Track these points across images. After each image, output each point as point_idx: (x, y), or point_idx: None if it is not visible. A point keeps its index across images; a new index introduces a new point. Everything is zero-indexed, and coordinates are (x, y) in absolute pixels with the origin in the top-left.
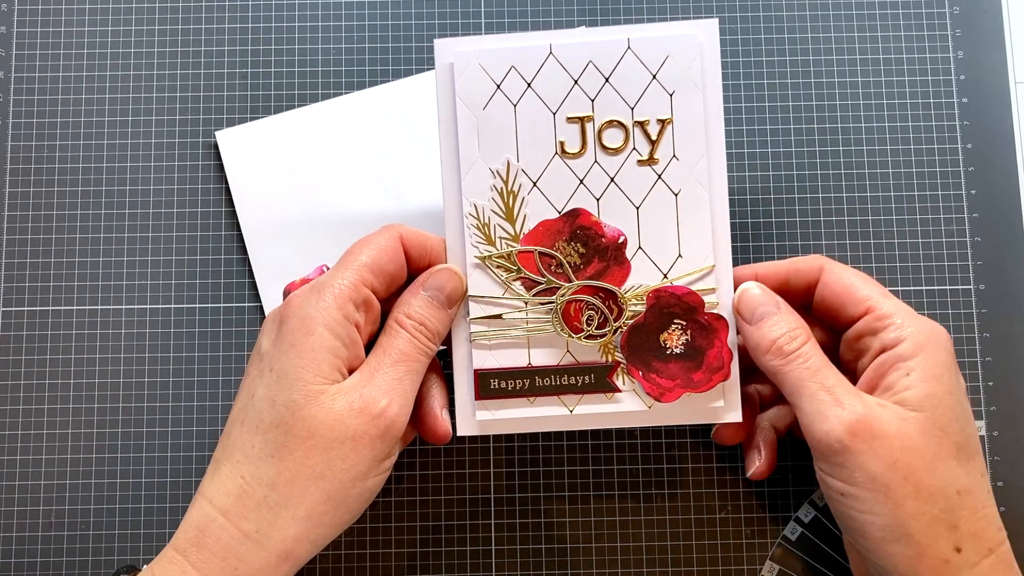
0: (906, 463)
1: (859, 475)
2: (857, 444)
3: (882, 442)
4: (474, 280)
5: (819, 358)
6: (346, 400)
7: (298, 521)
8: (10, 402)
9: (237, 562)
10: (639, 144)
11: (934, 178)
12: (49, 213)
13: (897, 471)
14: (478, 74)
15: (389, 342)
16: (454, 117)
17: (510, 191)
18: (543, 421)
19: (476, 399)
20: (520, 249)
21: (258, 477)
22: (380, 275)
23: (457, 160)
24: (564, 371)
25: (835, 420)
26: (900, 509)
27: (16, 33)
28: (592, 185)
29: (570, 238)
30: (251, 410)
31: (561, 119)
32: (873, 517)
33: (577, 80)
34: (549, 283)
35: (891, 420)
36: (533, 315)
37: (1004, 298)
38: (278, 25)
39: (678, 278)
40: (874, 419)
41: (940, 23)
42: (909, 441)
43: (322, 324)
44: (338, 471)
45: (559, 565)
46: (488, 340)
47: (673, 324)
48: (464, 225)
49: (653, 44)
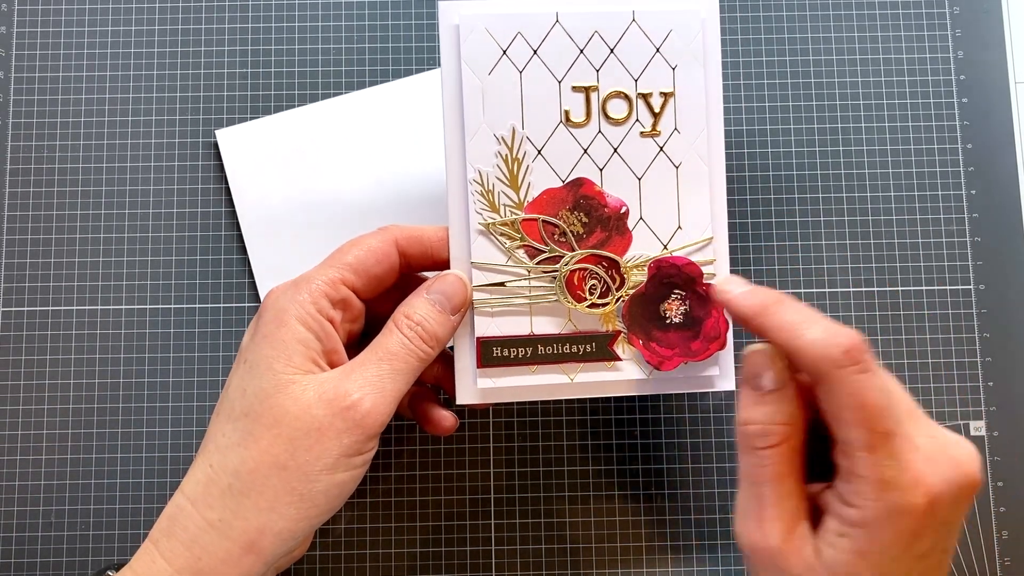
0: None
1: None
2: (754, 565)
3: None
4: (477, 247)
5: (775, 468)
6: (317, 391)
7: (261, 511)
8: (10, 402)
9: (201, 551)
10: (642, 116)
11: (934, 178)
12: (49, 213)
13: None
14: (484, 38)
15: (381, 340)
16: (459, 81)
17: (515, 158)
18: (544, 389)
19: (478, 367)
20: (524, 217)
21: (224, 465)
22: (364, 276)
23: (461, 125)
24: (566, 339)
25: (746, 539)
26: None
27: (16, 33)
28: (595, 155)
29: (573, 207)
30: (225, 401)
31: (566, 88)
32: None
33: (583, 49)
34: (552, 252)
35: (798, 565)
36: (536, 283)
37: (1004, 298)
38: (278, 25)
39: (677, 249)
40: (781, 557)
41: (940, 23)
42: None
43: (295, 316)
44: (302, 462)
45: (559, 565)
46: (491, 308)
47: (673, 294)
48: (468, 191)
49: (657, 17)
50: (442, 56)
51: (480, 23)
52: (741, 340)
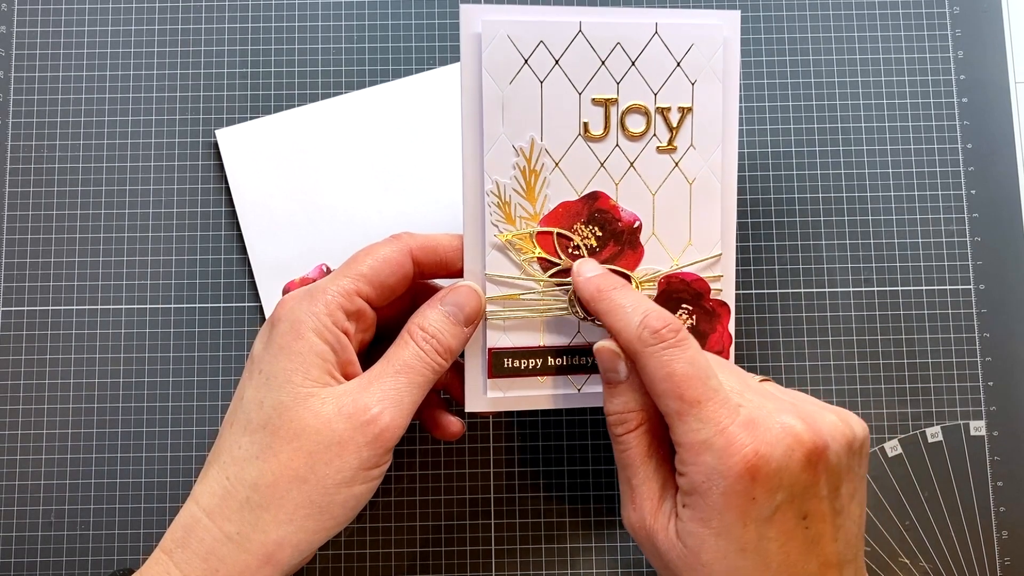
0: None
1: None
2: (642, 548)
3: (655, 556)
4: (492, 259)
5: (636, 451)
6: (336, 404)
7: (280, 524)
8: (10, 402)
9: (218, 563)
10: (659, 131)
11: (934, 178)
12: (49, 213)
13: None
14: (506, 46)
15: (396, 352)
16: (479, 89)
17: (532, 170)
18: (552, 399)
19: (489, 377)
20: (540, 230)
21: (241, 478)
22: (378, 287)
23: (480, 135)
24: (575, 351)
25: (625, 521)
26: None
27: (16, 33)
28: (612, 169)
29: (588, 220)
30: (240, 412)
31: (586, 100)
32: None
33: (604, 61)
34: (565, 265)
35: (664, 542)
36: (548, 296)
37: (1004, 298)
38: (278, 25)
39: (687, 265)
40: (652, 534)
41: (940, 23)
42: (673, 565)
43: (311, 329)
44: (321, 475)
45: (559, 565)
46: (503, 320)
47: (680, 309)
48: (484, 203)
49: (679, 31)
50: (462, 64)
51: (503, 30)
52: (742, 352)
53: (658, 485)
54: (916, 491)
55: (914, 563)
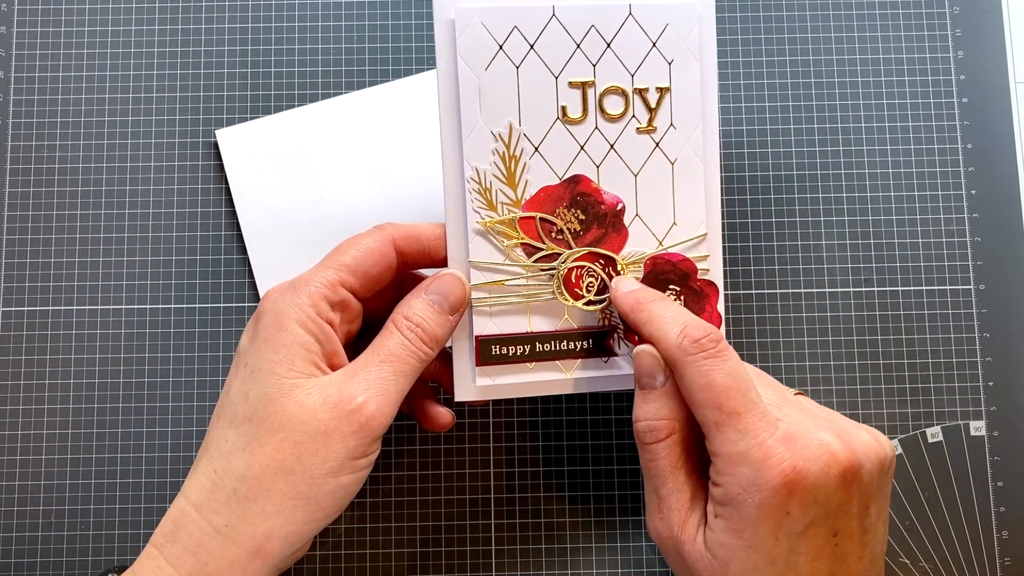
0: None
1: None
2: (666, 557)
3: (680, 565)
4: (475, 246)
5: (666, 461)
6: (321, 394)
7: (268, 516)
8: (10, 402)
9: (208, 556)
10: (638, 112)
11: (934, 178)
12: (49, 213)
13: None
14: (480, 33)
15: (381, 342)
16: (455, 77)
17: (512, 155)
18: (541, 386)
19: (477, 365)
20: (522, 215)
21: (228, 471)
22: (362, 277)
23: (458, 122)
24: (563, 336)
25: (651, 530)
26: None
27: (16, 33)
28: (592, 151)
29: (570, 204)
30: (227, 405)
31: (563, 83)
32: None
33: (579, 44)
34: (549, 249)
35: (691, 552)
36: (533, 281)
37: (1004, 298)
38: (278, 25)
39: (673, 245)
40: (680, 545)
41: (940, 23)
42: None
43: (295, 320)
44: (308, 466)
45: (559, 565)
46: (489, 307)
47: (668, 290)
48: (465, 190)
49: (653, 11)
50: (438, 52)
51: (476, 17)
52: (743, 353)
53: (687, 496)
54: (916, 491)
55: (914, 563)
